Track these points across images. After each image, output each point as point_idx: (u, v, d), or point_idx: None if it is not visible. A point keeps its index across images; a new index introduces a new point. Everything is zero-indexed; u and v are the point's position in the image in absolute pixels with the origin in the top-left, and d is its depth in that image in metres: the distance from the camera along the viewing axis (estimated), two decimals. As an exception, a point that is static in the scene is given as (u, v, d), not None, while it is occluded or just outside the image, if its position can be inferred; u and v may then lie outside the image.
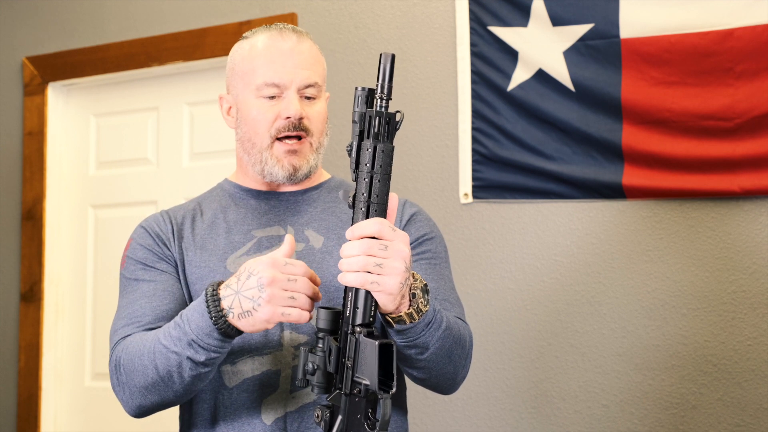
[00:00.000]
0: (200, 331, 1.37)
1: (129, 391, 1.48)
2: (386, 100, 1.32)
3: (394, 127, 1.33)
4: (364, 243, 1.29)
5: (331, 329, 1.36)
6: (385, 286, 1.30)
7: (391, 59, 1.32)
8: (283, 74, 1.59)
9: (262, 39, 1.62)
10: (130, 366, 1.46)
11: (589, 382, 2.53)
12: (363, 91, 1.34)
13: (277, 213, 1.65)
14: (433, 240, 1.65)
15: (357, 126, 1.34)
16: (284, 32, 1.62)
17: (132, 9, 3.29)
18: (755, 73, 2.35)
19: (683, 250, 2.45)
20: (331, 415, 1.36)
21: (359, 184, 1.33)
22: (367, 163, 1.32)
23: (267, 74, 1.59)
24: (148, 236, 1.63)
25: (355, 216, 1.33)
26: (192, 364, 1.39)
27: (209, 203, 1.69)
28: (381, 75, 1.32)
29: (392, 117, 1.33)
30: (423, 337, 1.40)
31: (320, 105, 1.63)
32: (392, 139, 1.33)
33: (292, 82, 1.59)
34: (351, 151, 1.34)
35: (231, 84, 1.67)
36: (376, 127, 1.32)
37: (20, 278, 3.39)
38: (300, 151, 1.60)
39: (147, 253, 1.61)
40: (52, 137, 3.42)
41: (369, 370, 1.29)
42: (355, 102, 1.34)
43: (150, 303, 1.54)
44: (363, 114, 1.33)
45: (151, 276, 1.58)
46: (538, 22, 2.59)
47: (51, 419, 3.36)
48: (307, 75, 1.60)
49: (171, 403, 1.49)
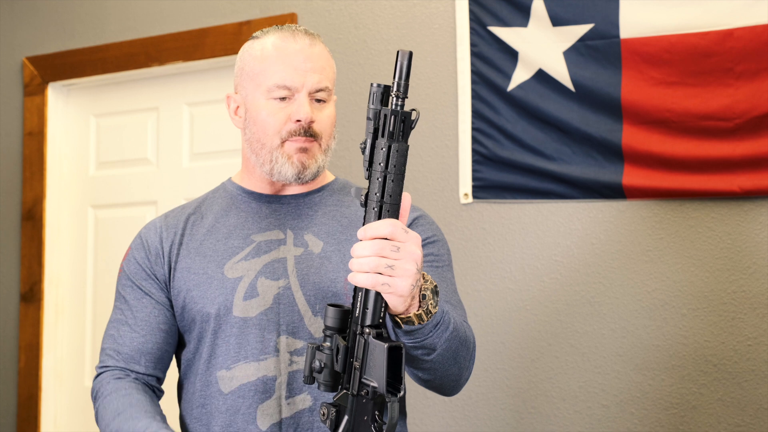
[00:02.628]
0: None
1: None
2: (402, 98, 1.30)
3: (410, 126, 1.31)
4: (377, 244, 1.28)
5: (339, 327, 1.35)
6: (396, 288, 1.28)
7: (408, 57, 1.29)
8: (295, 77, 1.57)
9: (274, 40, 1.61)
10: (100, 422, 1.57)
11: (589, 382, 2.53)
12: (379, 88, 1.32)
13: (277, 216, 1.64)
14: (436, 243, 1.64)
15: (371, 123, 1.31)
16: (297, 34, 1.60)
17: (132, 9, 3.29)
18: (755, 73, 2.35)
19: (683, 250, 2.45)
20: (337, 415, 1.35)
21: (372, 183, 1.31)
22: (381, 162, 1.30)
23: (278, 76, 1.57)
24: (143, 248, 1.67)
25: (367, 216, 1.31)
26: None
27: (210, 205, 1.69)
28: (398, 73, 1.29)
29: (408, 116, 1.30)
30: (431, 338, 1.39)
31: (330, 109, 1.62)
32: (407, 139, 1.31)
33: (304, 85, 1.57)
34: (365, 148, 1.31)
35: (240, 84, 1.65)
36: (392, 126, 1.30)
37: (20, 278, 3.39)
38: (310, 150, 1.59)
39: (137, 268, 1.66)
40: (52, 137, 3.42)
41: (377, 373, 1.28)
42: (371, 99, 1.32)
43: (131, 334, 1.63)
44: (378, 112, 1.31)
45: (136, 297, 1.64)
46: (538, 22, 2.59)
47: (51, 419, 3.36)
48: (318, 79, 1.58)
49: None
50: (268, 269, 1.59)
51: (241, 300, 1.58)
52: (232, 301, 1.58)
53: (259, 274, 1.59)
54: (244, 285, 1.58)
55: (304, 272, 1.58)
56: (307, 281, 1.57)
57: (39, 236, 3.37)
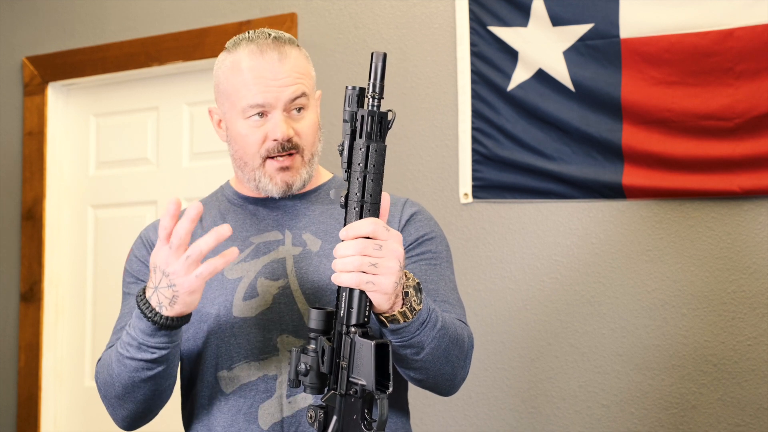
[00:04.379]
0: (143, 332, 1.42)
1: (109, 404, 1.55)
2: (378, 99, 1.31)
3: (387, 127, 1.32)
4: (359, 243, 1.28)
5: (324, 329, 1.35)
6: (380, 285, 1.29)
7: (382, 58, 1.31)
8: (267, 95, 1.56)
9: (243, 57, 1.58)
10: (103, 379, 1.53)
11: (589, 382, 2.53)
12: (354, 90, 1.33)
13: (275, 218, 1.65)
14: (433, 240, 1.64)
15: (348, 125, 1.33)
16: (265, 49, 1.58)
17: (132, 9, 3.29)
18: (755, 73, 2.35)
19: (683, 250, 2.45)
20: (325, 416, 1.35)
21: (352, 183, 1.32)
22: (360, 163, 1.31)
23: (250, 96, 1.56)
24: (143, 247, 1.67)
25: (348, 216, 1.32)
26: (146, 365, 1.44)
27: (209, 209, 1.70)
28: (373, 74, 1.31)
29: (384, 116, 1.32)
30: (418, 336, 1.39)
31: (310, 116, 1.61)
32: (384, 139, 1.32)
33: (278, 100, 1.56)
34: (342, 150, 1.33)
35: (218, 100, 1.65)
36: (369, 127, 1.31)
37: (20, 278, 3.39)
38: (292, 167, 1.59)
39: (140, 265, 1.66)
40: (52, 137, 3.42)
41: (365, 371, 1.28)
42: (346, 101, 1.33)
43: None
44: (354, 113, 1.32)
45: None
46: (538, 22, 2.59)
47: (51, 419, 3.36)
48: (291, 91, 1.57)
49: (148, 409, 1.54)
50: (268, 269, 1.59)
51: (240, 300, 1.58)
52: (231, 302, 1.58)
53: (258, 274, 1.59)
54: (243, 285, 1.59)
55: (303, 271, 1.58)
56: (306, 280, 1.57)
57: (39, 236, 3.37)
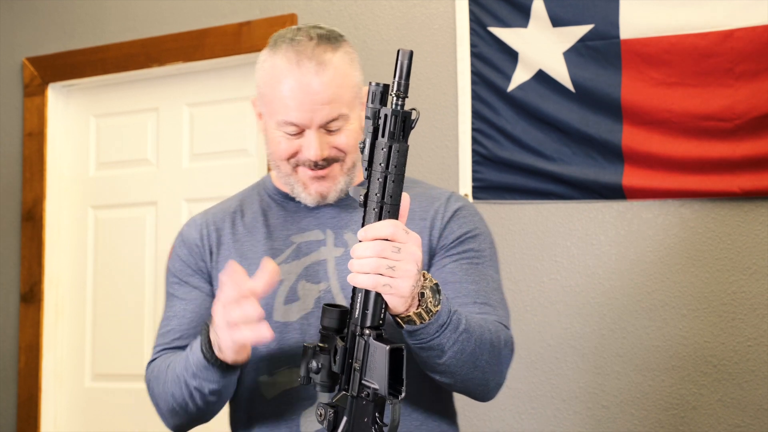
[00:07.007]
0: (199, 363, 1.41)
1: (160, 413, 1.55)
2: (403, 98, 1.27)
3: (410, 126, 1.28)
4: (378, 245, 1.26)
5: (337, 328, 1.33)
6: (397, 289, 1.27)
7: (409, 56, 1.27)
8: (301, 115, 1.50)
9: (281, 63, 1.52)
10: (155, 391, 1.53)
11: (588, 382, 2.53)
12: (378, 86, 1.29)
13: (317, 216, 1.60)
14: (476, 238, 1.60)
15: (370, 123, 1.28)
16: (302, 57, 1.50)
17: (132, 10, 3.29)
18: (755, 73, 2.35)
19: (683, 251, 2.45)
20: (335, 415, 1.32)
21: (372, 183, 1.28)
22: (381, 163, 1.27)
23: (284, 113, 1.51)
24: (184, 245, 1.64)
25: (366, 216, 1.29)
26: (199, 394, 1.44)
27: (250, 203, 1.66)
28: (398, 72, 1.26)
29: (408, 115, 1.28)
30: (437, 339, 1.35)
31: (349, 130, 1.54)
32: (407, 139, 1.29)
33: (312, 121, 1.50)
34: (363, 148, 1.29)
35: (258, 97, 1.59)
36: (392, 126, 1.27)
37: (20, 279, 3.39)
38: (328, 176, 1.55)
39: (182, 265, 1.62)
40: (52, 138, 3.42)
41: (378, 375, 1.26)
42: (369, 98, 1.29)
43: (180, 326, 1.59)
44: (377, 111, 1.28)
45: (183, 293, 1.61)
46: (538, 22, 2.59)
47: (51, 420, 3.36)
48: (327, 111, 1.50)
49: (198, 421, 1.53)
50: (309, 272, 1.56)
51: (281, 304, 1.55)
52: (272, 305, 1.54)
53: (299, 277, 1.56)
54: (284, 289, 1.55)
55: (345, 273, 1.54)
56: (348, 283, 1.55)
57: (39, 237, 3.37)
